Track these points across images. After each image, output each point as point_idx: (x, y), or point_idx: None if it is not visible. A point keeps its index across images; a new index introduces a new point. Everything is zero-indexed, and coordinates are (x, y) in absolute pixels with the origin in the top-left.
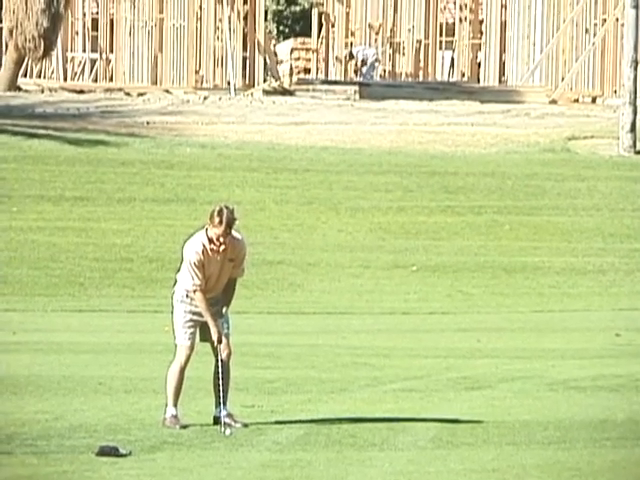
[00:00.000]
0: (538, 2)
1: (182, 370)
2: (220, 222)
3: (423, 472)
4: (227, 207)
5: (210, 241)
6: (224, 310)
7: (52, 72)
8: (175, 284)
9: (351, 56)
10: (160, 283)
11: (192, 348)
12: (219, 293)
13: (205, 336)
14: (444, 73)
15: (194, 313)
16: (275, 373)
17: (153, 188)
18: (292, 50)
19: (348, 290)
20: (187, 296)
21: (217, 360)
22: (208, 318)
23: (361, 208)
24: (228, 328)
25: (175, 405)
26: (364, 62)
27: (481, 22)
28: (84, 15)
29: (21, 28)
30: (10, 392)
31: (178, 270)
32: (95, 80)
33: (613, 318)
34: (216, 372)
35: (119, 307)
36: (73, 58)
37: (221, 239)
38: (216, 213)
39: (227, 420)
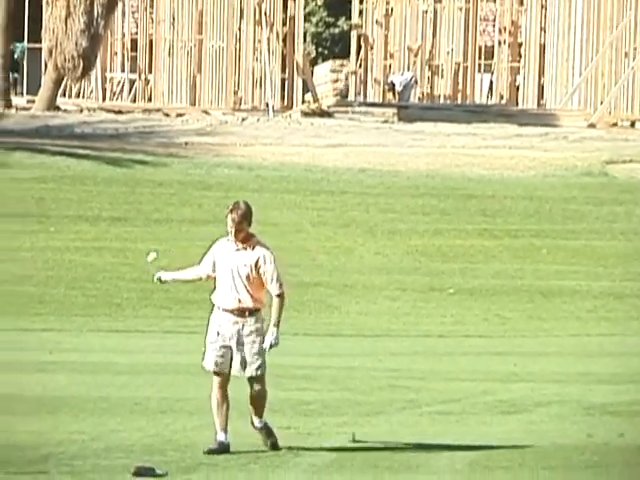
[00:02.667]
0: (577, 26)
1: (217, 395)
2: (235, 208)
3: None
4: (245, 202)
5: (228, 244)
6: (272, 330)
7: (91, 92)
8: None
9: (392, 85)
10: (197, 304)
11: (219, 373)
12: (237, 306)
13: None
14: (482, 96)
15: (223, 337)
16: (311, 395)
17: (190, 209)
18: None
19: (385, 312)
20: (216, 313)
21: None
22: (169, 276)
23: (398, 231)
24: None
25: (223, 430)
26: (405, 88)
27: (520, 45)
28: (123, 35)
29: (60, 48)
30: (46, 412)
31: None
32: (134, 100)
33: None
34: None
35: (156, 328)
36: (112, 78)
37: (233, 226)
38: (234, 202)
39: (261, 432)
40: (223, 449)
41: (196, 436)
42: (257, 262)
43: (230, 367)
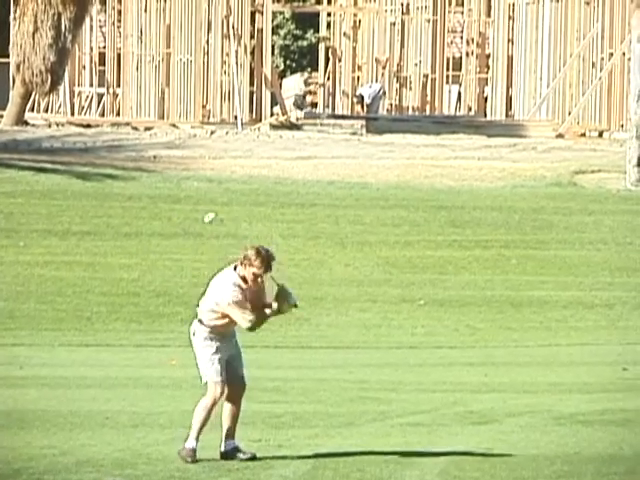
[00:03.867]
0: (545, 37)
1: (214, 406)
2: (262, 261)
3: None
4: (264, 248)
5: (244, 281)
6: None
7: (59, 106)
8: (195, 321)
9: (360, 97)
10: (167, 317)
11: (224, 383)
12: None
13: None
14: (451, 107)
15: (222, 350)
16: (282, 407)
17: (160, 222)
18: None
19: (355, 324)
20: (212, 333)
21: (227, 392)
22: (269, 315)
23: (368, 242)
24: (241, 361)
25: (197, 439)
26: (373, 100)
27: (488, 56)
28: (91, 49)
29: (28, 62)
30: (17, 427)
31: (197, 305)
32: (102, 114)
33: (620, 352)
34: (227, 404)
35: (126, 341)
36: (80, 92)
37: (259, 279)
38: (255, 252)
39: (234, 453)
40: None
41: (168, 450)
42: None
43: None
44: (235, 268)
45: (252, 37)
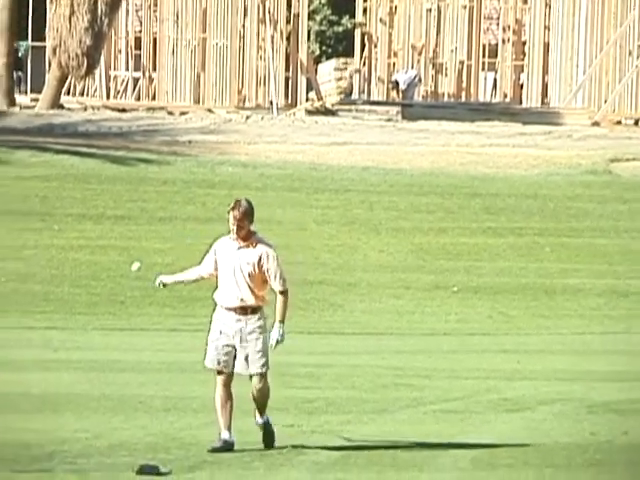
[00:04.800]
0: (581, 24)
1: (221, 393)
2: (237, 205)
3: None
4: (246, 199)
5: (230, 241)
6: (277, 326)
7: (95, 90)
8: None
9: (396, 83)
10: (201, 302)
11: (220, 372)
12: (240, 304)
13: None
14: (486, 94)
15: (226, 335)
16: (315, 393)
17: (195, 207)
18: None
19: (389, 311)
20: (218, 311)
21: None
22: (171, 279)
23: (402, 229)
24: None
25: (227, 428)
26: (409, 86)
27: (524, 44)
28: (127, 34)
29: (64, 46)
30: (50, 410)
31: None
32: (138, 99)
33: None
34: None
35: (160, 326)
36: (116, 77)
37: (235, 224)
38: (235, 199)
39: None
40: (227, 447)
41: (200, 434)
42: (260, 260)
43: (234, 366)
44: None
45: (288, 22)
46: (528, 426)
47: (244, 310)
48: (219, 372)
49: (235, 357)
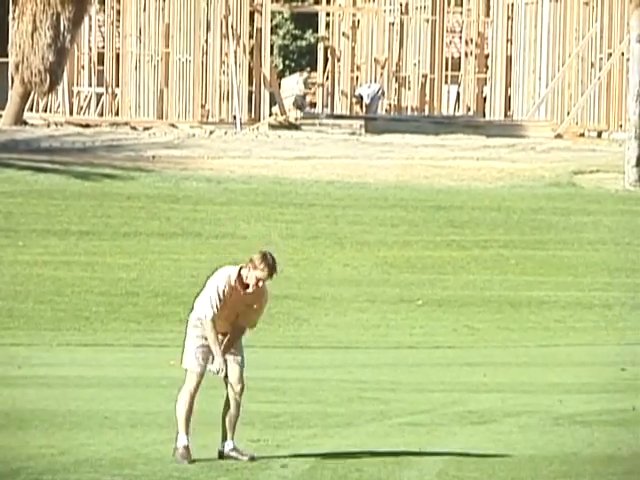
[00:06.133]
0: (544, 37)
1: (192, 397)
2: (266, 266)
3: None
4: (271, 254)
5: (239, 280)
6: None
7: (58, 106)
8: (192, 310)
9: (359, 97)
10: (166, 317)
11: (202, 375)
12: (224, 331)
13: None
14: (450, 107)
15: (207, 339)
16: (281, 407)
17: (159, 222)
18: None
19: (354, 324)
20: (201, 323)
21: (227, 393)
22: (215, 348)
23: (367, 242)
24: (242, 362)
25: (187, 433)
26: (372, 100)
27: (487, 57)
28: (90, 49)
29: (27, 62)
30: (15, 426)
31: (196, 297)
32: (101, 114)
33: (619, 352)
34: (226, 405)
35: (125, 341)
36: (79, 92)
37: (260, 283)
38: (261, 256)
39: (233, 454)
40: (190, 454)
41: (166, 449)
42: (261, 302)
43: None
44: (241, 269)
45: (251, 37)
46: (494, 438)
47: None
48: (200, 375)
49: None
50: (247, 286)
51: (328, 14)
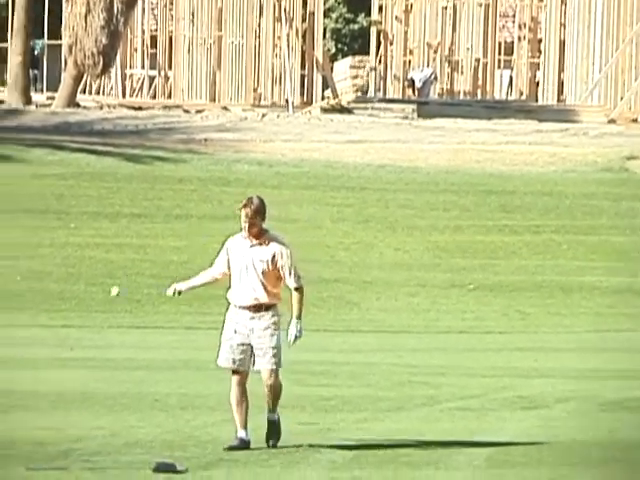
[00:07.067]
0: (597, 22)
1: (236, 393)
2: (245, 204)
3: None
4: (258, 197)
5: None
6: (295, 322)
7: (111, 89)
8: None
9: (411, 81)
10: (216, 300)
11: (237, 371)
12: (253, 302)
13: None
14: (502, 92)
15: (241, 334)
16: (331, 391)
17: (210, 205)
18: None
19: (404, 309)
20: (232, 310)
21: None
22: (185, 285)
23: (418, 227)
24: (277, 344)
25: (244, 427)
26: (425, 84)
27: (540, 41)
28: (143, 32)
29: (80, 45)
30: (66, 408)
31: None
32: (153, 97)
33: None
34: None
35: (176, 324)
36: (132, 75)
37: (247, 221)
38: (247, 198)
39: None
40: (244, 446)
41: (217, 432)
42: (273, 257)
43: (249, 365)
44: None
45: (304, 20)
46: (544, 424)
47: (258, 308)
48: (234, 371)
49: (251, 355)
50: (249, 236)
51: None
